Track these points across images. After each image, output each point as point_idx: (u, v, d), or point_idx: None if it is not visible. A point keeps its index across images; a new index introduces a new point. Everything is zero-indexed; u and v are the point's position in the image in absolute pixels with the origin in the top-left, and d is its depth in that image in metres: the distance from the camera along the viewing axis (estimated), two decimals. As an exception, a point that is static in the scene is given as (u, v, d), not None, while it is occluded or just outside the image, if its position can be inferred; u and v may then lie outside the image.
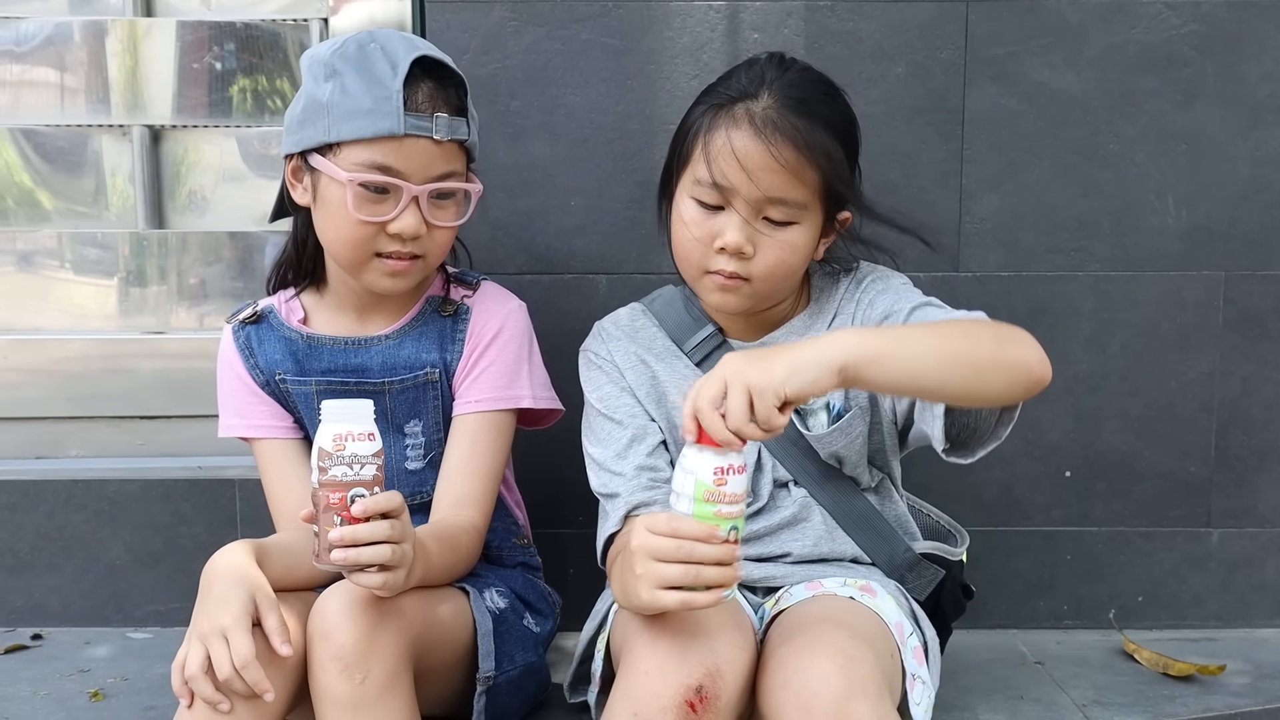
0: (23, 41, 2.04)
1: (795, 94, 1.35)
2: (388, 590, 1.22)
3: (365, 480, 1.20)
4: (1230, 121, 1.84)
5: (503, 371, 1.53)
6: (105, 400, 2.03)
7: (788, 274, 1.39)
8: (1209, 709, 1.60)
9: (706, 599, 1.13)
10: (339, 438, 1.20)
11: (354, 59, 1.40)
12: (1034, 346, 1.23)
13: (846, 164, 1.38)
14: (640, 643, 1.21)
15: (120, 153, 2.07)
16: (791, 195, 1.33)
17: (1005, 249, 1.86)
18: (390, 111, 1.38)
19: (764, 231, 1.35)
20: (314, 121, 1.41)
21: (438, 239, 1.46)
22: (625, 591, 1.22)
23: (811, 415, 1.43)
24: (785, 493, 1.46)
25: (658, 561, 1.13)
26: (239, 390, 1.56)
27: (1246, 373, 1.88)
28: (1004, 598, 1.90)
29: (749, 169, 1.32)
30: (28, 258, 2.07)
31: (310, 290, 1.58)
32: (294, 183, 1.48)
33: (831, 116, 1.36)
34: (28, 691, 1.68)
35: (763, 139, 1.32)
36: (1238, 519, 1.91)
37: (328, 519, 1.20)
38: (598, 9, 1.83)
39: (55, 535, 1.92)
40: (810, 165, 1.33)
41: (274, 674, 1.23)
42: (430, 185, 1.42)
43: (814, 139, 1.32)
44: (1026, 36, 1.82)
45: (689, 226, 1.37)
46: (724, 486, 1.11)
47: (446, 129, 1.41)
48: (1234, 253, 1.86)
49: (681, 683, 1.17)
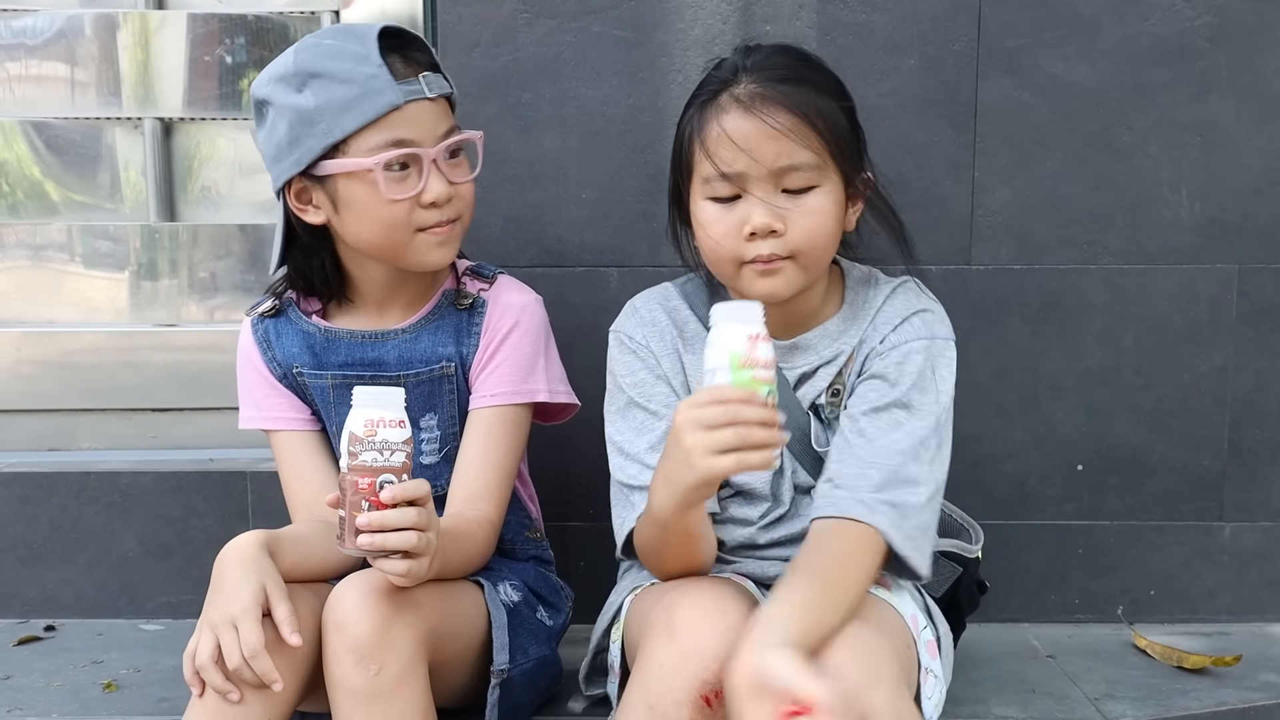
0: (35, 35, 2.05)
1: (772, 66, 1.33)
2: (410, 578, 1.23)
3: (394, 467, 1.20)
4: (1244, 114, 1.83)
5: (519, 365, 1.53)
6: (117, 393, 2.04)
7: (827, 241, 1.34)
8: (1222, 702, 1.60)
9: (758, 458, 1.13)
10: (370, 423, 1.20)
11: (320, 60, 1.39)
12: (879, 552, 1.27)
13: (845, 123, 1.34)
14: (657, 636, 1.21)
15: (132, 146, 2.07)
16: (800, 158, 1.30)
17: (1018, 242, 1.85)
18: (383, 87, 1.38)
19: (787, 205, 1.31)
20: (308, 133, 1.39)
21: (464, 196, 1.48)
22: (670, 479, 1.19)
23: (832, 427, 1.41)
24: (808, 500, 1.43)
25: (706, 430, 1.13)
26: (257, 383, 1.56)
27: (1260, 366, 1.87)
28: (1015, 591, 1.89)
29: (749, 148, 1.30)
30: (40, 251, 2.07)
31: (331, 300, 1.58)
32: (301, 207, 1.45)
33: (814, 78, 1.35)
34: (41, 683, 1.68)
35: (753, 113, 1.30)
36: (1250, 513, 1.90)
37: (355, 504, 1.20)
38: (609, 1, 1.82)
39: (68, 527, 1.93)
40: (807, 125, 1.30)
41: (283, 664, 1.24)
42: (441, 145, 1.43)
43: (804, 99, 1.30)
44: (1039, 28, 1.81)
45: (712, 226, 1.34)
46: (756, 352, 1.14)
47: (436, 86, 1.43)
48: (1247, 246, 1.86)
49: (698, 677, 1.17)
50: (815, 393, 1.42)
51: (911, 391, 1.35)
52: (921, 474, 1.30)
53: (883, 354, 1.39)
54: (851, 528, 1.25)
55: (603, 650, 1.47)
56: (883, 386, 1.36)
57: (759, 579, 1.44)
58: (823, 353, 1.42)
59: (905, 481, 1.29)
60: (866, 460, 1.30)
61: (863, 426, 1.33)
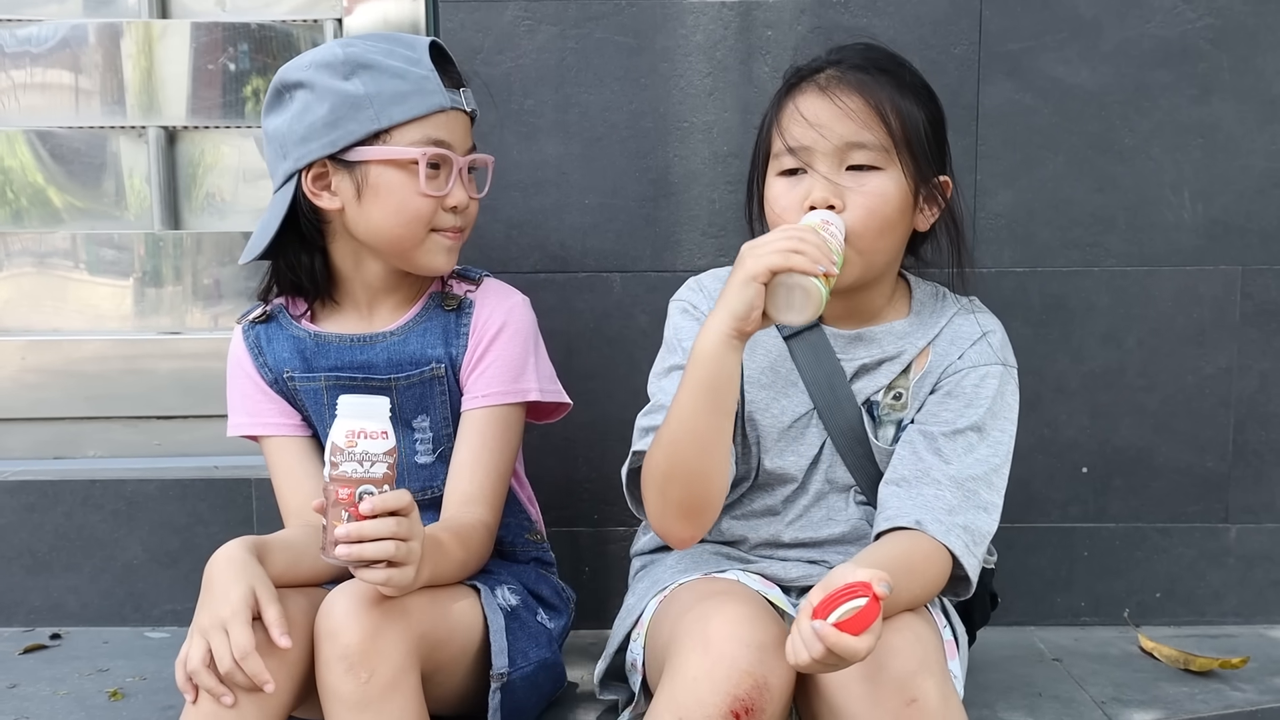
0: (39, 44, 2.05)
1: (857, 59, 1.38)
2: (394, 588, 1.23)
3: (375, 478, 1.21)
4: (1246, 115, 1.83)
5: (509, 365, 1.53)
6: (122, 400, 2.05)
7: (882, 226, 1.35)
8: (1230, 705, 1.59)
9: (805, 260, 1.20)
10: (352, 434, 1.21)
11: (372, 54, 1.44)
12: (945, 570, 1.31)
13: (923, 121, 1.37)
14: (690, 647, 1.20)
15: (136, 154, 2.08)
16: (865, 138, 1.33)
17: (1020, 245, 1.85)
18: (434, 89, 1.45)
19: (849, 184, 1.34)
20: (352, 117, 1.43)
21: (472, 212, 1.53)
22: (726, 295, 1.24)
23: (882, 427, 1.42)
24: (844, 502, 1.44)
25: (763, 245, 1.22)
26: (248, 389, 1.57)
27: (1264, 367, 1.87)
28: (1021, 594, 1.89)
29: (818, 124, 1.34)
30: (45, 259, 2.08)
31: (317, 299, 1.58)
32: (315, 192, 1.46)
33: (898, 74, 1.38)
34: (47, 691, 1.69)
35: (827, 95, 1.35)
36: (1256, 514, 1.90)
37: (336, 514, 1.21)
38: (611, 7, 1.83)
39: (73, 535, 1.93)
40: (876, 112, 1.33)
41: (275, 666, 1.25)
42: (467, 158, 1.50)
43: (879, 92, 1.34)
44: (1041, 31, 1.82)
45: (777, 201, 1.38)
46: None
47: (470, 101, 1.52)
48: (1250, 247, 1.85)
49: (729, 692, 1.16)
50: (874, 388, 1.43)
51: (987, 416, 1.38)
52: (993, 502, 1.36)
53: (960, 372, 1.41)
54: (925, 541, 1.29)
55: (620, 651, 1.45)
56: (959, 407, 1.38)
57: (781, 581, 1.43)
58: (886, 348, 1.43)
59: (979, 508, 1.34)
60: (941, 482, 1.33)
61: (940, 446, 1.36)
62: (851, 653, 1.06)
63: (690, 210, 1.85)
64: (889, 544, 1.30)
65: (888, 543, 1.30)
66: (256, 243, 1.51)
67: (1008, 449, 1.39)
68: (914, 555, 1.28)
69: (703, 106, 1.83)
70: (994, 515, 1.35)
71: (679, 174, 1.85)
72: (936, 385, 1.41)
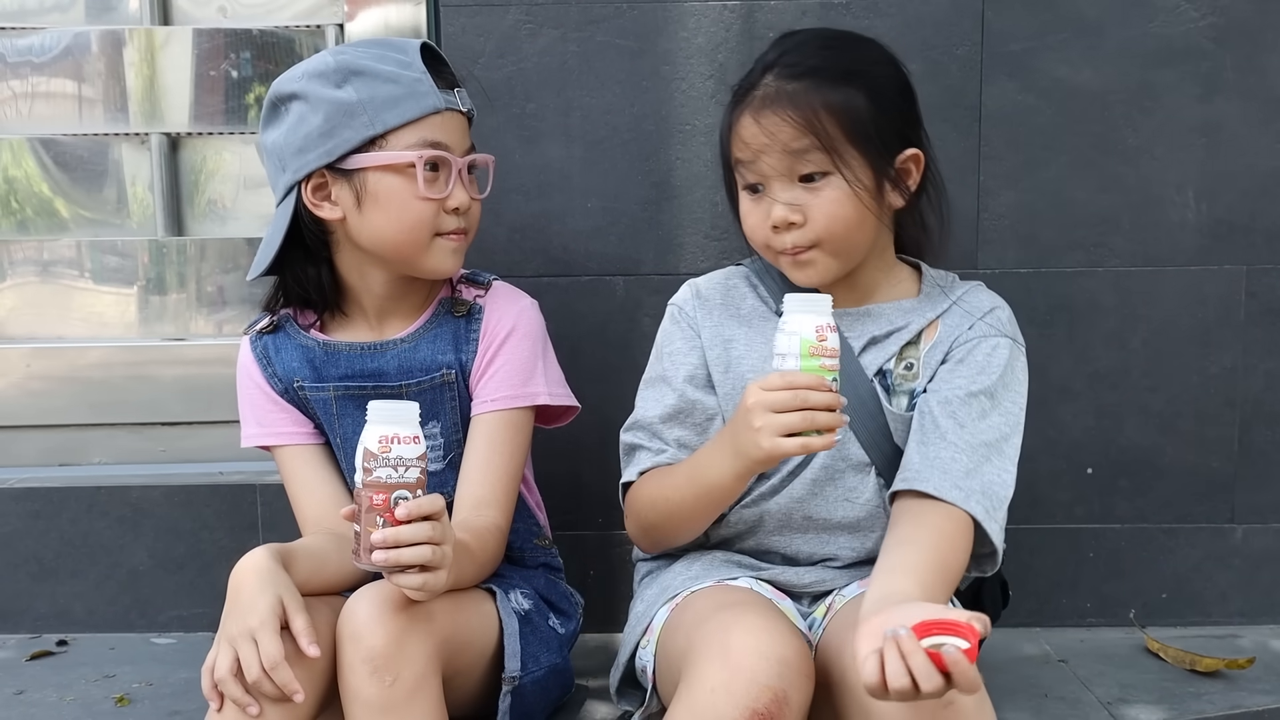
0: (42, 52, 2.06)
1: (790, 62, 1.37)
2: (427, 592, 1.22)
3: (409, 483, 1.20)
4: (1250, 114, 1.83)
5: (518, 369, 1.53)
6: (127, 407, 2.05)
7: (848, 227, 1.36)
8: (1236, 705, 1.59)
9: (822, 441, 1.21)
10: (385, 440, 1.20)
11: (363, 61, 1.44)
12: (968, 544, 1.32)
13: (864, 108, 1.35)
14: (710, 658, 1.19)
15: (139, 161, 2.08)
16: (805, 149, 1.34)
17: (1024, 245, 1.85)
18: (427, 91, 1.44)
19: (805, 198, 1.35)
20: (346, 124, 1.42)
21: (475, 213, 1.53)
22: (739, 445, 1.26)
23: (896, 396, 1.42)
24: (861, 483, 1.43)
25: (776, 413, 1.21)
26: (258, 399, 1.56)
27: (1269, 367, 1.87)
28: (1027, 595, 1.88)
29: (759, 149, 1.36)
30: (49, 267, 2.08)
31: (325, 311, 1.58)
32: (316, 202, 1.46)
33: (833, 65, 1.37)
34: (54, 697, 1.69)
35: (759, 117, 1.35)
36: (1262, 515, 1.89)
37: (370, 520, 1.20)
38: (612, 10, 1.83)
39: (79, 542, 1.93)
40: (807, 127, 1.33)
41: (302, 675, 1.24)
42: (466, 158, 1.49)
43: (811, 97, 1.34)
44: (1043, 31, 1.81)
45: (746, 218, 1.41)
46: (825, 342, 1.21)
47: (466, 101, 1.51)
48: (1255, 246, 1.85)
49: (749, 706, 1.14)
50: (884, 357, 1.43)
51: (998, 384, 1.39)
52: (1007, 468, 1.36)
53: (970, 341, 1.42)
54: (947, 519, 1.29)
55: (632, 658, 1.45)
56: (970, 373, 1.39)
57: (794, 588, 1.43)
58: (895, 321, 1.44)
59: (995, 471, 1.35)
60: (958, 445, 1.33)
61: (955, 409, 1.36)
62: (971, 685, 1.03)
63: (693, 213, 1.85)
64: (917, 520, 1.29)
65: (915, 518, 1.29)
66: (262, 259, 1.50)
67: (1018, 419, 1.40)
68: (945, 526, 1.28)
69: (705, 109, 1.83)
70: (1009, 481, 1.36)
71: (681, 177, 1.85)
72: (947, 355, 1.42)
